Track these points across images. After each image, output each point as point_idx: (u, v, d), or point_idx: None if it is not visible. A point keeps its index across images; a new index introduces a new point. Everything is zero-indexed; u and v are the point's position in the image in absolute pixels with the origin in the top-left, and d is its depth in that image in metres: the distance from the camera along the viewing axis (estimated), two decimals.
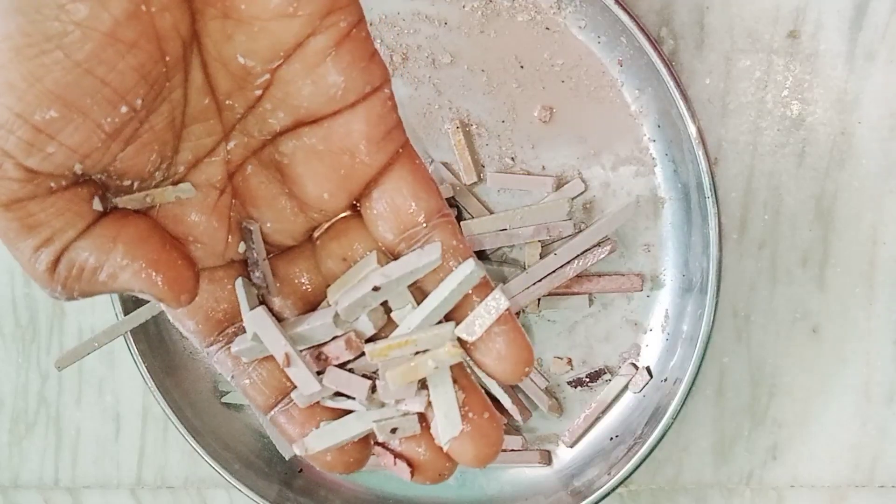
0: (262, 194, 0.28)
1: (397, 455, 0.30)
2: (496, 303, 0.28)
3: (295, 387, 0.29)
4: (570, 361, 0.48)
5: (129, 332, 0.48)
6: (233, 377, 0.29)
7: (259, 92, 0.26)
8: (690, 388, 0.44)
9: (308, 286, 0.29)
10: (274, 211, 0.28)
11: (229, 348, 0.29)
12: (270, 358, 0.29)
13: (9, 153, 0.23)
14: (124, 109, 0.24)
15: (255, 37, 0.25)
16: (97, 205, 0.25)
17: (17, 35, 0.22)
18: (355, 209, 0.29)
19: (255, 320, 0.28)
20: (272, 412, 0.30)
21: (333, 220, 0.29)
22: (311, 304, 0.30)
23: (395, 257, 0.29)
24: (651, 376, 0.47)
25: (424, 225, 0.28)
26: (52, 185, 0.24)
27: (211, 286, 0.29)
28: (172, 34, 0.24)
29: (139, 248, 0.26)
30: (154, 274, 0.26)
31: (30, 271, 0.25)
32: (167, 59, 0.24)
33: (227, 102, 0.26)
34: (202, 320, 0.29)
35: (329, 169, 0.27)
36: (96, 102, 0.23)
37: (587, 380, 0.48)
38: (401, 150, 0.28)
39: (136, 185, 0.26)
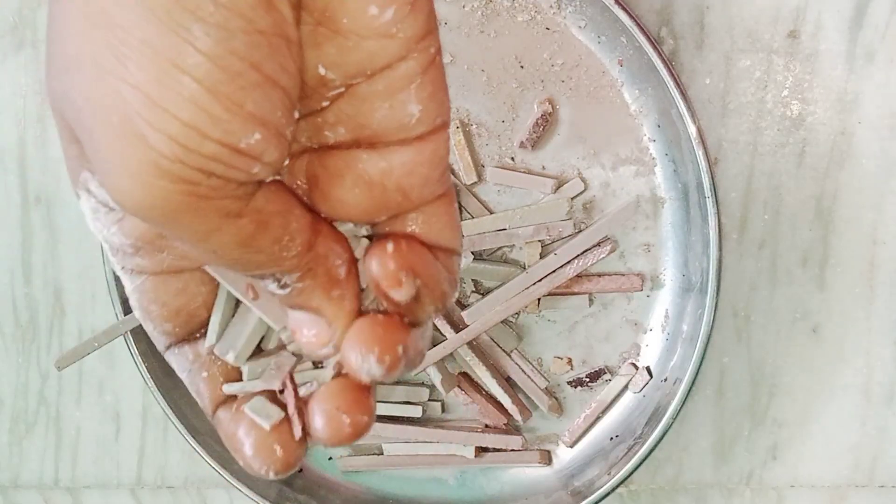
0: None
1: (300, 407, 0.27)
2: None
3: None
4: (570, 361, 0.48)
5: (129, 332, 0.48)
6: (189, 372, 0.28)
7: (326, 103, 0.24)
8: (690, 388, 0.44)
9: None
10: None
11: (191, 342, 0.28)
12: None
13: (220, 176, 0.22)
14: (297, 115, 0.23)
15: (346, 51, 0.23)
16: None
17: (209, 59, 0.21)
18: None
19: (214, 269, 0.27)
20: (220, 413, 0.28)
21: None
22: None
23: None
24: (651, 376, 0.47)
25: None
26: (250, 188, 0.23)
27: (200, 287, 0.27)
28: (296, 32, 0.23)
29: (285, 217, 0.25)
30: (291, 328, 0.25)
31: (275, 266, 0.24)
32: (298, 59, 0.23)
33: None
34: (181, 324, 0.28)
35: (374, 203, 0.25)
36: (283, 113, 0.22)
37: (587, 380, 0.48)
38: (444, 191, 0.26)
39: None
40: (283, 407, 0.27)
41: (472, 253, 0.46)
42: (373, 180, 0.25)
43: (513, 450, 0.48)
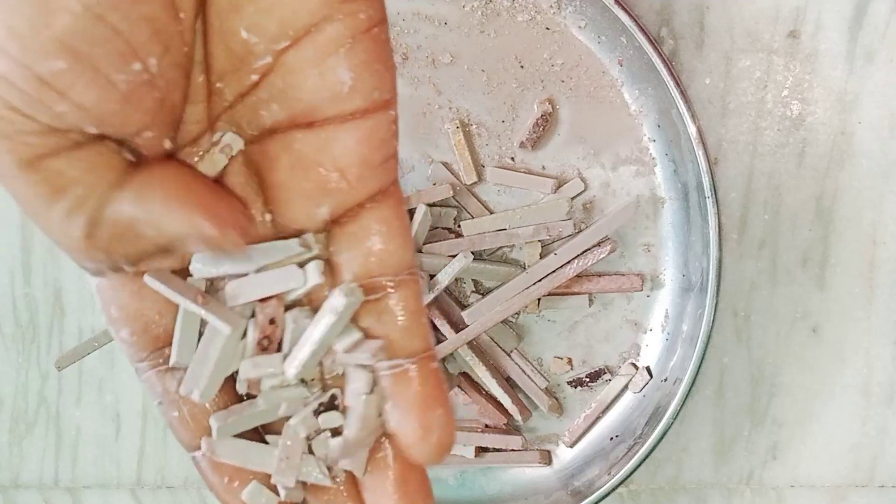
0: (237, 197, 0.26)
1: None
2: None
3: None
4: (570, 361, 0.48)
5: None
6: (160, 404, 0.26)
7: (256, 77, 0.24)
8: (690, 388, 0.44)
9: None
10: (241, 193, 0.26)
11: (161, 370, 0.26)
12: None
13: (17, 109, 0.21)
14: (138, 66, 0.21)
15: (265, 10, 0.23)
16: (127, 156, 0.23)
17: None
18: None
19: (157, 276, 0.25)
20: (196, 454, 0.27)
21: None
22: None
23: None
24: (651, 376, 0.47)
25: (390, 279, 0.25)
26: (77, 139, 0.22)
27: (155, 293, 0.25)
28: None
29: (184, 191, 0.23)
30: (204, 216, 0.23)
31: (64, 242, 0.23)
32: (181, 14, 0.22)
33: (217, 85, 0.24)
34: (139, 331, 0.26)
35: (313, 185, 0.25)
36: (108, 55, 0.21)
37: (587, 380, 0.48)
38: (391, 188, 0.25)
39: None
40: (276, 491, 0.26)
41: (472, 253, 0.46)
42: (309, 159, 0.24)
43: (513, 450, 0.48)
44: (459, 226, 0.47)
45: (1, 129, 0.21)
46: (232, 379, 0.27)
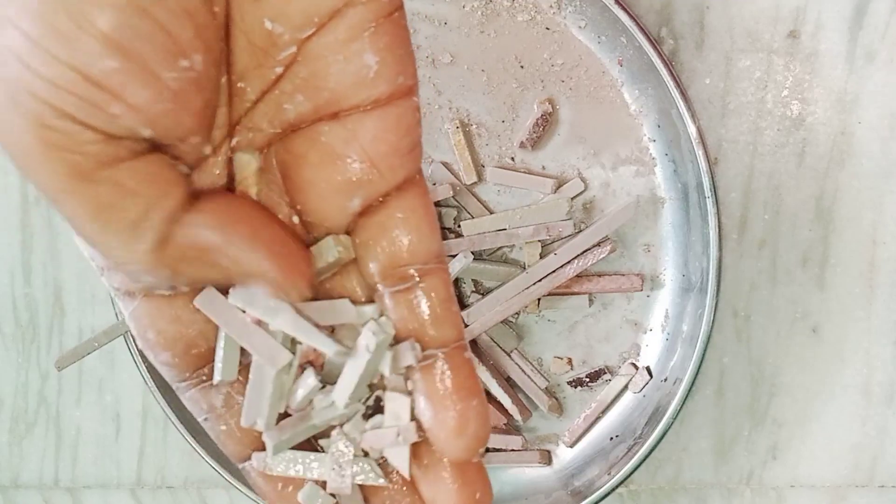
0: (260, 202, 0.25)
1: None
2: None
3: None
4: (570, 361, 0.48)
5: (129, 332, 0.48)
6: (205, 420, 0.26)
7: (280, 70, 0.23)
8: (690, 388, 0.44)
9: None
10: (268, 202, 0.25)
11: (204, 387, 0.26)
12: None
13: (73, 116, 0.20)
14: (185, 63, 0.21)
15: (289, 1, 0.22)
16: (183, 168, 0.22)
17: None
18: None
19: (208, 301, 0.24)
20: (247, 465, 0.26)
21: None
22: None
23: (370, 293, 0.26)
24: (651, 376, 0.47)
25: (418, 267, 0.25)
26: (135, 145, 0.21)
27: (194, 315, 0.25)
28: None
29: (255, 227, 0.23)
30: (276, 257, 0.23)
31: (125, 256, 0.22)
32: (216, 10, 0.22)
33: (239, 85, 0.23)
34: (180, 353, 0.25)
35: (343, 178, 0.24)
36: (155, 52, 0.20)
37: (587, 380, 0.48)
38: (416, 177, 0.25)
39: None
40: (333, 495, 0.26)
41: (472, 253, 0.46)
42: (337, 152, 0.24)
43: (513, 450, 0.48)
44: (459, 226, 0.47)
45: (55, 141, 0.20)
46: None
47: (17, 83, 0.19)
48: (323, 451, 0.26)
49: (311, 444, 0.27)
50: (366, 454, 0.26)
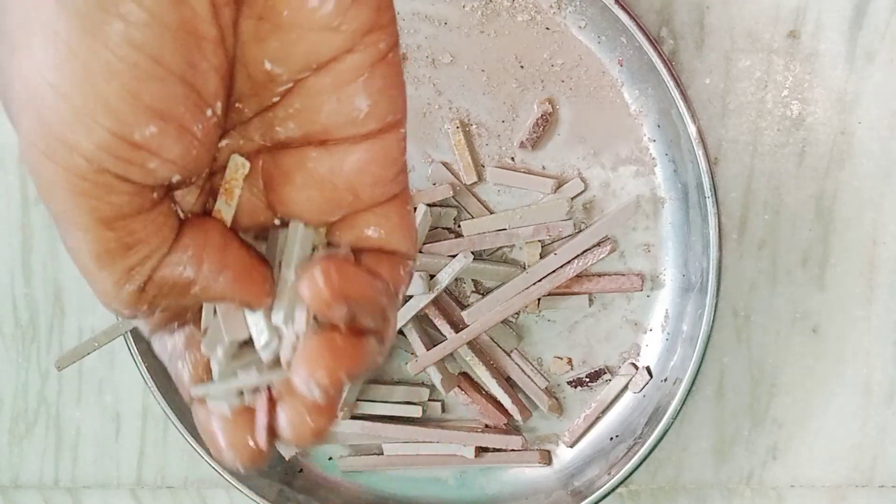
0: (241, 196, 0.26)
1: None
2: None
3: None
4: (570, 361, 0.48)
5: (129, 332, 0.48)
6: (168, 359, 0.28)
7: (276, 99, 0.25)
8: (690, 388, 0.44)
9: None
10: (248, 216, 0.27)
11: (169, 332, 0.27)
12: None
13: (113, 173, 0.22)
14: (209, 113, 0.23)
15: (290, 44, 0.23)
16: (179, 213, 0.24)
17: (107, 47, 0.20)
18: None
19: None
20: (195, 402, 0.28)
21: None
22: None
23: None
24: (651, 376, 0.47)
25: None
26: (155, 195, 0.23)
27: None
28: (229, 31, 0.23)
29: (224, 254, 0.25)
30: (240, 280, 0.25)
31: (111, 295, 0.24)
32: (229, 52, 0.23)
33: (237, 105, 0.25)
34: (160, 316, 0.27)
35: (323, 200, 0.25)
36: (189, 111, 0.22)
37: (587, 380, 0.48)
38: (401, 193, 0.26)
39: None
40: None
41: (472, 253, 0.46)
42: (322, 178, 0.25)
43: (513, 450, 0.48)
44: (459, 226, 0.47)
45: (87, 189, 0.22)
46: None
47: (57, 143, 0.21)
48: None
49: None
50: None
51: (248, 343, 0.27)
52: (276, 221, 0.27)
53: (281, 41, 0.23)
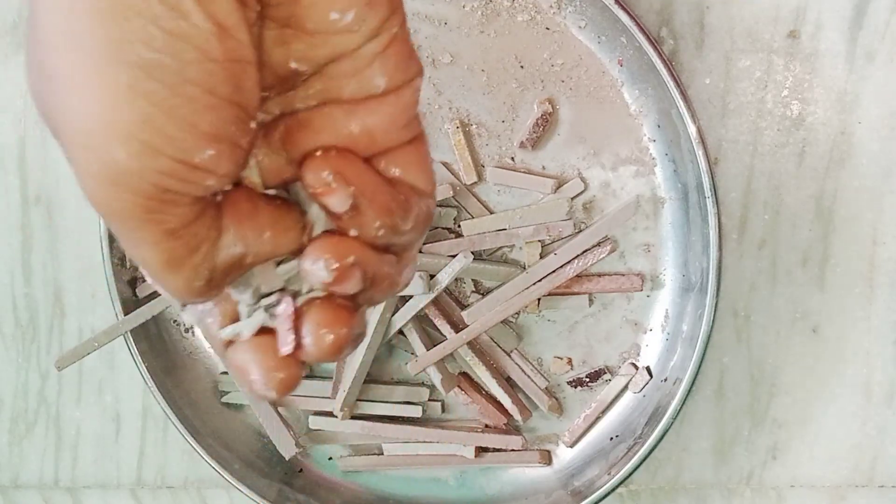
0: (263, 155, 0.28)
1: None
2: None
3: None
4: (570, 361, 0.48)
5: (129, 332, 0.48)
6: (200, 321, 0.29)
7: (297, 86, 0.26)
8: (690, 388, 0.44)
9: None
10: (275, 176, 0.28)
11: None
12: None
13: (176, 191, 0.23)
14: (253, 125, 0.24)
15: (314, 48, 0.25)
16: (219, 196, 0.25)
17: (164, 85, 0.22)
18: None
19: None
20: (227, 350, 0.29)
21: None
22: None
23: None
24: (651, 376, 0.47)
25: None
26: (209, 200, 0.24)
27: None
28: (257, 44, 0.24)
29: (256, 218, 0.26)
30: (278, 234, 0.26)
31: (185, 292, 0.25)
32: (260, 65, 0.24)
33: (262, 94, 0.26)
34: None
35: (342, 141, 0.27)
36: (238, 128, 0.24)
37: (587, 380, 0.48)
38: (417, 134, 0.28)
39: None
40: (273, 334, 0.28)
41: (472, 253, 0.46)
42: (338, 124, 0.26)
43: (513, 450, 0.48)
44: (459, 226, 0.47)
45: (153, 207, 0.23)
46: None
47: (124, 173, 0.23)
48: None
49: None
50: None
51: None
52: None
53: (305, 45, 0.25)
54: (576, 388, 0.48)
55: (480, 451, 0.48)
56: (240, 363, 0.28)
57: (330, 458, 0.50)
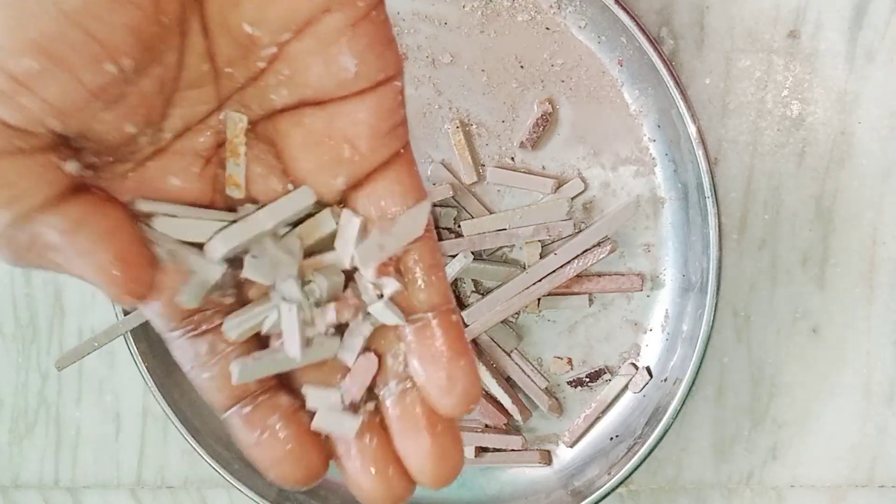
0: (252, 168, 0.27)
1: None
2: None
3: (257, 390, 0.27)
4: (570, 361, 0.48)
5: (129, 332, 0.48)
6: (192, 368, 0.27)
7: (263, 64, 0.25)
8: (690, 388, 0.44)
9: None
10: (263, 187, 0.27)
11: (191, 336, 0.27)
12: (238, 352, 0.27)
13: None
14: (111, 68, 0.22)
15: (264, 6, 0.24)
16: (71, 167, 0.24)
17: None
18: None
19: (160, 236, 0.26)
20: (227, 413, 0.28)
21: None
22: None
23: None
24: (651, 376, 0.47)
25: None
26: (23, 145, 0.22)
27: (177, 267, 0.26)
28: None
29: (106, 239, 0.24)
30: (114, 269, 0.24)
31: None
32: (163, 19, 0.23)
33: (226, 70, 0.25)
34: (167, 302, 0.26)
35: (326, 157, 0.26)
36: (81, 58, 0.22)
37: (587, 380, 0.48)
38: (402, 151, 0.27)
39: (115, 154, 0.25)
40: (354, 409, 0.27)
41: (472, 253, 0.46)
42: (319, 134, 0.25)
43: (513, 450, 0.48)
44: (459, 226, 0.47)
45: None
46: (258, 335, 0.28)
47: None
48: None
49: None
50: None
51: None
52: (290, 187, 0.27)
53: (255, 4, 0.24)
54: (576, 388, 0.48)
55: (480, 451, 0.48)
56: (250, 441, 0.27)
57: (330, 458, 0.50)
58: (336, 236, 0.27)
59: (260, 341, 0.28)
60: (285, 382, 0.28)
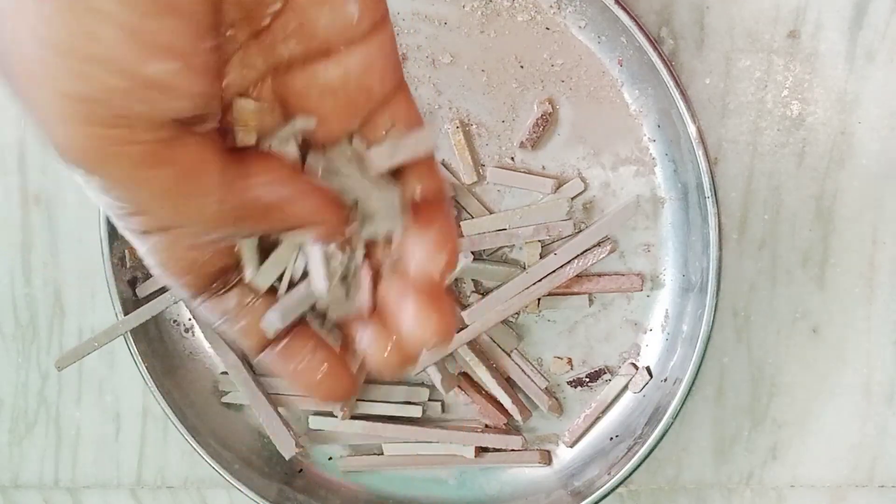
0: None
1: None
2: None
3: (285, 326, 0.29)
4: (570, 361, 0.48)
5: (129, 332, 0.48)
6: (223, 321, 0.29)
7: (268, 20, 0.25)
8: (690, 388, 0.44)
9: None
10: (270, 123, 0.28)
11: (216, 296, 0.28)
12: (262, 302, 0.29)
13: (126, 115, 0.22)
14: (211, 42, 0.23)
15: None
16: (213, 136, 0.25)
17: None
18: None
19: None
20: (262, 355, 0.29)
21: None
22: None
23: None
24: (651, 376, 0.47)
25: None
26: (178, 132, 0.24)
27: (206, 244, 0.28)
28: None
29: (305, 184, 0.26)
30: (327, 208, 0.26)
31: (197, 222, 0.25)
32: None
33: (228, 33, 0.25)
34: (197, 274, 0.28)
35: (343, 106, 0.27)
36: (191, 40, 0.23)
37: (587, 380, 0.48)
38: (399, 85, 0.28)
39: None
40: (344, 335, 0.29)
41: (472, 253, 0.46)
42: (336, 87, 0.26)
43: (513, 450, 0.48)
44: (459, 226, 0.47)
45: (115, 137, 0.22)
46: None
47: (76, 97, 0.21)
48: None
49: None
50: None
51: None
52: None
53: None
54: (576, 388, 0.48)
55: (480, 451, 0.48)
56: (288, 370, 0.29)
57: (330, 458, 0.50)
58: (308, 267, 0.29)
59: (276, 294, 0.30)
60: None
